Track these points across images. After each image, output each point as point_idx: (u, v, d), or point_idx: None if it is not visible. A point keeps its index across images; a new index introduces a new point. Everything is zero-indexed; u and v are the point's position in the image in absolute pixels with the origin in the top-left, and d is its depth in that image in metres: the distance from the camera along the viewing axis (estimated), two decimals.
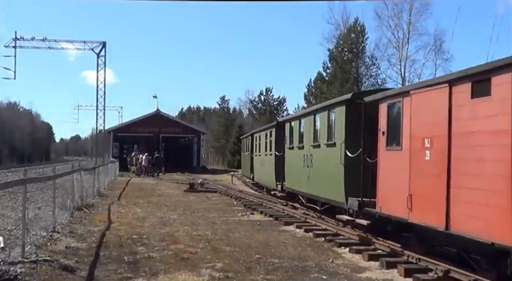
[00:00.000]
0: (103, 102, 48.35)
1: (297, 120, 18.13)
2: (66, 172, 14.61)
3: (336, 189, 13.22)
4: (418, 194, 9.21)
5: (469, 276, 7.85)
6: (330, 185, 13.81)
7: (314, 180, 15.55)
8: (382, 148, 10.93)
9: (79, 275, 8.04)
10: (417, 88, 9.65)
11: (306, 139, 16.49)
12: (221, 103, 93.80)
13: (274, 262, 9.49)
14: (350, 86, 48.54)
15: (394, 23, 47.45)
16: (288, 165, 19.47)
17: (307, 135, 16.49)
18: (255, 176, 30.01)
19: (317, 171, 15.31)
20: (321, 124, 14.96)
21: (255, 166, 29.63)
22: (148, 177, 41.82)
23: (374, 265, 9.54)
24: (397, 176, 10.09)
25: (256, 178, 29.63)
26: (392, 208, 10.24)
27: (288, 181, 19.53)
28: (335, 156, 13.17)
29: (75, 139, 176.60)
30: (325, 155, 14.40)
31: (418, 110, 9.41)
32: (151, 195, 24.26)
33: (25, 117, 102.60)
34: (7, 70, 44.65)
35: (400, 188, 9.75)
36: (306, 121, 16.68)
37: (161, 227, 13.50)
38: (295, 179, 18.06)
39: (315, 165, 15.43)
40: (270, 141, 23.88)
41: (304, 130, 16.94)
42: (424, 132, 9.10)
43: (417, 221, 9.28)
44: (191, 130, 63.17)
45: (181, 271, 8.48)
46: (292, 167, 18.60)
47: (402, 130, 9.93)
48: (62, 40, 47.53)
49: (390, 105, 10.62)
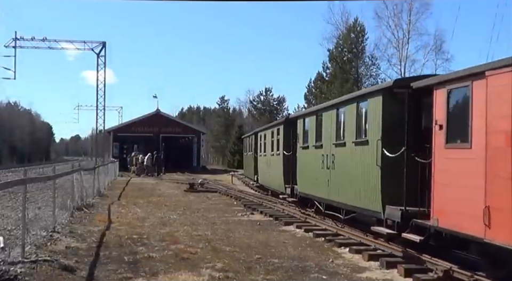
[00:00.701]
0: (103, 102, 48.40)
1: (313, 115, 15.86)
2: (66, 172, 14.62)
3: (369, 196, 11.19)
4: (502, 207, 7.16)
5: (469, 276, 7.85)
6: (359, 191, 11.78)
7: (337, 184, 13.40)
8: (439, 146, 8.84)
9: (79, 275, 8.04)
10: (497, 68, 7.46)
11: (326, 136, 14.36)
12: (221, 103, 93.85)
13: (274, 262, 9.49)
14: (350, 86, 48.50)
15: (394, 23, 47.45)
16: (301, 167, 17.31)
17: (327, 133, 14.34)
18: (259, 178, 27.79)
19: (340, 173, 13.19)
20: (348, 119, 12.80)
21: (260, 168, 27.30)
22: (148, 177, 41.82)
23: (374, 265, 9.54)
24: (464, 181, 8.11)
25: (260, 180, 27.39)
26: (457, 222, 8.20)
27: (300, 185, 17.33)
28: (368, 156, 11.26)
29: (75, 139, 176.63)
30: (352, 155, 12.32)
31: (499, 97, 7.35)
32: (151, 195, 24.25)
33: (25, 117, 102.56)
34: (7, 70, 44.72)
35: (471, 198, 7.81)
36: (326, 116, 14.47)
37: (161, 227, 13.50)
38: (310, 183, 15.90)
39: (338, 167, 13.33)
40: (278, 139, 21.62)
41: (324, 126, 14.67)
42: (509, 125, 7.08)
43: (499, 243, 7.15)
44: (191, 130, 63.18)
45: (181, 271, 8.48)
46: (306, 169, 16.52)
47: (471, 122, 7.94)
48: (62, 40, 47.56)
49: (452, 91, 8.60)
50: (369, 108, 11.44)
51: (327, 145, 14.31)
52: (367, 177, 11.31)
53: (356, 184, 11.98)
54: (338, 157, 13.33)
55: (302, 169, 17.17)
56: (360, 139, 11.89)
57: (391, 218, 10.06)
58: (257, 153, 28.05)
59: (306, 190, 16.60)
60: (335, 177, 13.55)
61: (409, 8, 46.95)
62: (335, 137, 13.65)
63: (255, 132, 30.34)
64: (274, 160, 22.31)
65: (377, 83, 48.26)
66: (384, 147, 10.42)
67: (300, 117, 18.02)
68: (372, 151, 11.03)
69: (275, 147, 22.31)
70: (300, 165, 17.48)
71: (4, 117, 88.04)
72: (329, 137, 14.14)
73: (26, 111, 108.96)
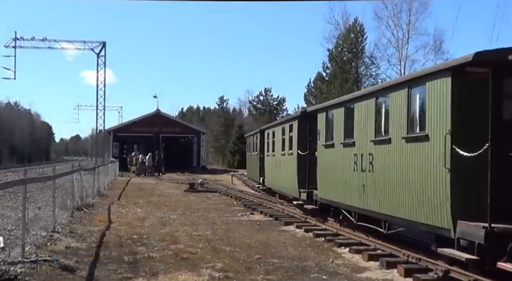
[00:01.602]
0: (103, 102, 48.44)
1: (341, 107, 13.28)
2: (66, 172, 14.62)
3: (430, 207, 8.84)
4: None
5: (469, 276, 7.85)
6: (413, 200, 9.38)
7: (377, 190, 10.88)
8: None
9: (79, 275, 8.04)
10: None
11: (361, 132, 11.87)
12: (220, 103, 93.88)
13: (274, 262, 9.49)
14: (349, 86, 48.51)
15: (394, 23, 47.43)
16: (323, 169, 14.57)
17: (362, 128, 11.82)
18: (266, 180, 24.87)
19: (382, 177, 10.68)
20: (394, 110, 10.24)
21: (267, 169, 24.40)
22: (148, 177, 41.82)
23: (374, 265, 9.54)
24: None
25: (268, 182, 24.41)
26: None
27: (322, 190, 14.58)
28: (428, 155, 8.94)
29: (75, 139, 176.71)
30: (401, 155, 9.83)
31: None
32: (151, 195, 24.25)
33: (25, 117, 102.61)
34: (7, 70, 44.74)
35: None
36: (361, 108, 11.93)
37: (161, 227, 13.50)
38: (337, 188, 13.33)
39: (379, 169, 10.81)
40: (290, 137, 18.76)
41: (357, 120, 12.17)
42: None
43: None
44: (191, 130, 63.17)
45: (181, 271, 8.48)
46: (331, 171, 13.82)
47: None
48: (62, 40, 47.66)
49: None
50: (429, 94, 9.05)
51: (362, 142, 11.79)
52: (427, 182, 8.95)
53: (407, 191, 9.52)
54: (379, 157, 10.80)
55: (325, 171, 14.42)
56: (414, 134, 9.45)
57: (467, 237, 7.80)
58: (264, 153, 25.47)
59: (331, 196, 13.85)
60: (374, 182, 11.00)
61: (409, 8, 46.97)
62: (373, 132, 11.15)
63: (261, 129, 27.37)
64: (285, 161, 19.52)
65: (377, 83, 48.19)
66: (456, 144, 8.18)
67: (321, 110, 15.07)
68: (434, 149, 8.79)
69: (287, 146, 19.46)
70: (321, 166, 14.75)
71: (4, 117, 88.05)
72: (364, 133, 11.65)
73: (26, 111, 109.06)
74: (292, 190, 18.39)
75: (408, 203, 9.54)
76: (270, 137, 23.44)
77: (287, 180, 19.13)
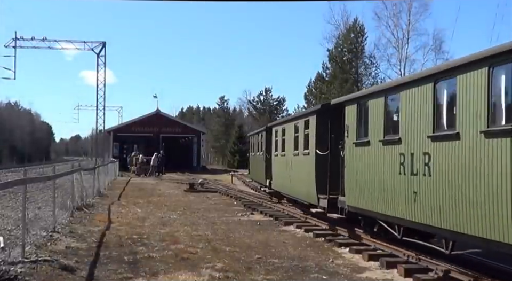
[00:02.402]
0: (103, 102, 48.46)
1: (381, 97, 10.76)
2: (66, 172, 14.62)
3: None
4: None
5: (469, 276, 7.85)
6: (498, 214, 7.07)
7: (437, 199, 8.51)
8: None
9: (79, 275, 8.04)
10: None
11: (411, 126, 9.40)
12: (221, 103, 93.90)
13: (274, 262, 9.49)
14: (349, 86, 48.54)
15: (394, 23, 47.45)
16: (353, 171, 12.18)
17: (412, 121, 9.35)
18: (273, 183, 21.77)
19: (445, 182, 8.29)
20: (465, 95, 7.95)
21: (275, 171, 21.41)
22: (148, 177, 41.82)
23: (374, 265, 9.54)
24: None
25: (276, 185, 21.24)
26: None
27: (351, 196, 12.18)
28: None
29: (75, 139, 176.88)
30: (477, 155, 7.59)
31: None
32: (151, 195, 24.26)
33: (25, 117, 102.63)
34: (7, 70, 44.77)
35: None
36: (411, 96, 9.48)
37: (161, 227, 13.50)
38: (372, 194, 11.00)
39: (441, 172, 8.42)
40: (306, 135, 15.93)
41: (404, 111, 9.68)
42: None
43: None
44: (191, 130, 63.20)
45: (181, 271, 8.48)
46: (364, 174, 11.45)
47: None
48: (62, 40, 47.67)
49: None
50: None
51: (412, 138, 9.45)
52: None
53: (490, 201, 7.20)
54: (440, 157, 8.56)
55: (356, 174, 12.09)
56: (499, 126, 7.22)
57: None
58: (271, 153, 22.57)
59: (363, 204, 11.48)
60: (432, 188, 8.70)
61: (409, 8, 47.00)
62: (431, 126, 8.85)
63: (267, 127, 24.59)
64: (300, 161, 16.79)
65: (377, 83, 48.19)
66: None
67: (350, 102, 12.61)
68: None
69: (301, 145, 16.63)
70: (350, 168, 12.42)
71: (4, 117, 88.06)
72: (416, 127, 9.31)
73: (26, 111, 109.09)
74: (307, 196, 15.49)
75: (487, 217, 7.25)
76: (278, 135, 20.73)
77: (301, 184, 16.36)
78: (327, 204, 13.51)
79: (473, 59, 7.82)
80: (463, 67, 8.06)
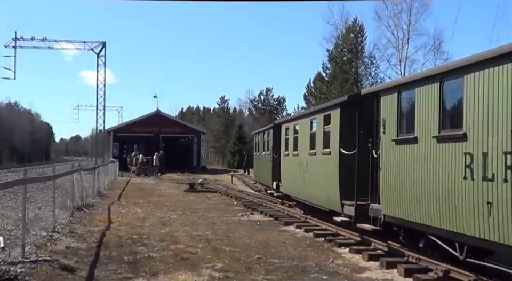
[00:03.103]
0: (103, 102, 48.46)
1: (434, 83, 8.80)
2: (66, 172, 14.62)
3: None
4: None
5: (469, 276, 7.85)
6: None
7: None
8: None
9: (79, 275, 8.04)
10: None
11: (481, 119, 7.53)
12: (221, 103, 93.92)
13: (274, 262, 9.49)
14: (349, 87, 48.54)
15: (394, 23, 47.46)
16: (394, 174, 10.15)
17: (483, 112, 7.51)
18: (283, 186, 19.80)
19: None
20: None
21: (284, 172, 19.45)
22: (148, 177, 41.83)
23: (374, 265, 9.54)
24: None
25: (286, 188, 19.34)
26: None
27: (389, 205, 10.25)
28: None
29: (75, 139, 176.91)
30: None
31: None
32: (151, 195, 24.26)
33: (25, 117, 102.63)
34: (7, 70, 44.77)
35: None
36: (482, 79, 7.59)
37: (161, 227, 13.50)
38: (420, 203, 9.07)
39: None
40: (327, 132, 14.00)
41: (472, 99, 7.77)
42: None
43: None
44: (191, 130, 63.22)
45: (181, 271, 8.48)
46: (410, 177, 9.48)
47: None
48: (62, 40, 47.67)
49: None
50: None
51: (485, 135, 7.42)
52: None
53: None
54: None
55: (396, 178, 10.10)
56: None
57: None
58: (279, 152, 20.48)
59: (406, 214, 9.56)
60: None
61: (409, 8, 47.01)
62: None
63: (275, 124, 22.68)
64: (317, 162, 14.75)
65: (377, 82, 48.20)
66: None
67: (387, 91, 10.68)
68: None
69: (319, 143, 14.63)
70: (388, 171, 10.41)
71: (4, 117, 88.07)
72: (490, 120, 7.31)
73: (26, 111, 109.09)
74: (327, 202, 13.62)
75: None
76: (290, 132, 18.61)
77: (319, 188, 14.41)
78: (354, 212, 11.58)
79: None
80: None
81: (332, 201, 13.08)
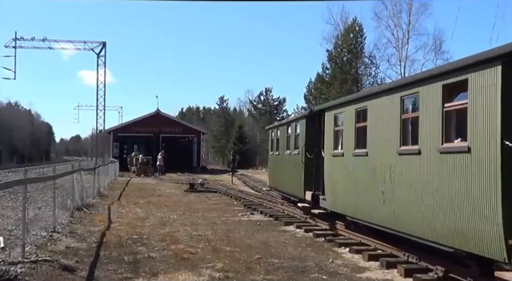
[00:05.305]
0: (103, 102, 48.45)
1: None
2: (66, 172, 14.61)
3: None
4: None
5: (469, 276, 7.84)
6: None
7: None
8: None
9: (79, 275, 8.04)
10: None
11: None
12: (220, 103, 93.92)
13: (274, 262, 9.49)
14: (349, 87, 48.53)
15: (394, 23, 47.49)
16: None
17: None
18: (331, 200, 13.28)
19: None
20: None
21: (336, 182, 12.97)
22: (148, 177, 41.83)
23: (374, 265, 9.54)
24: None
25: (337, 204, 12.86)
26: None
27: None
28: None
29: (75, 139, 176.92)
30: None
31: None
32: (151, 195, 24.26)
33: (25, 117, 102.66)
34: (7, 70, 44.77)
35: None
36: None
37: (161, 227, 13.50)
38: None
39: None
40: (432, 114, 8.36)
41: None
42: None
43: None
44: (191, 130, 63.23)
45: (181, 271, 8.48)
46: None
47: None
48: (62, 40, 47.64)
49: None
50: None
51: None
52: None
53: None
54: None
55: None
56: None
57: None
58: (323, 151, 14.12)
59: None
60: None
61: (409, 8, 47.03)
62: None
63: (311, 112, 16.27)
64: (415, 166, 8.91)
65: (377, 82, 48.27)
66: None
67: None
68: None
69: (429, 134, 8.42)
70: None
71: (4, 117, 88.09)
72: None
73: (26, 111, 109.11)
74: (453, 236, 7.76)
75: None
76: (346, 122, 12.45)
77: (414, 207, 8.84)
78: None
79: None
80: None
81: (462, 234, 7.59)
